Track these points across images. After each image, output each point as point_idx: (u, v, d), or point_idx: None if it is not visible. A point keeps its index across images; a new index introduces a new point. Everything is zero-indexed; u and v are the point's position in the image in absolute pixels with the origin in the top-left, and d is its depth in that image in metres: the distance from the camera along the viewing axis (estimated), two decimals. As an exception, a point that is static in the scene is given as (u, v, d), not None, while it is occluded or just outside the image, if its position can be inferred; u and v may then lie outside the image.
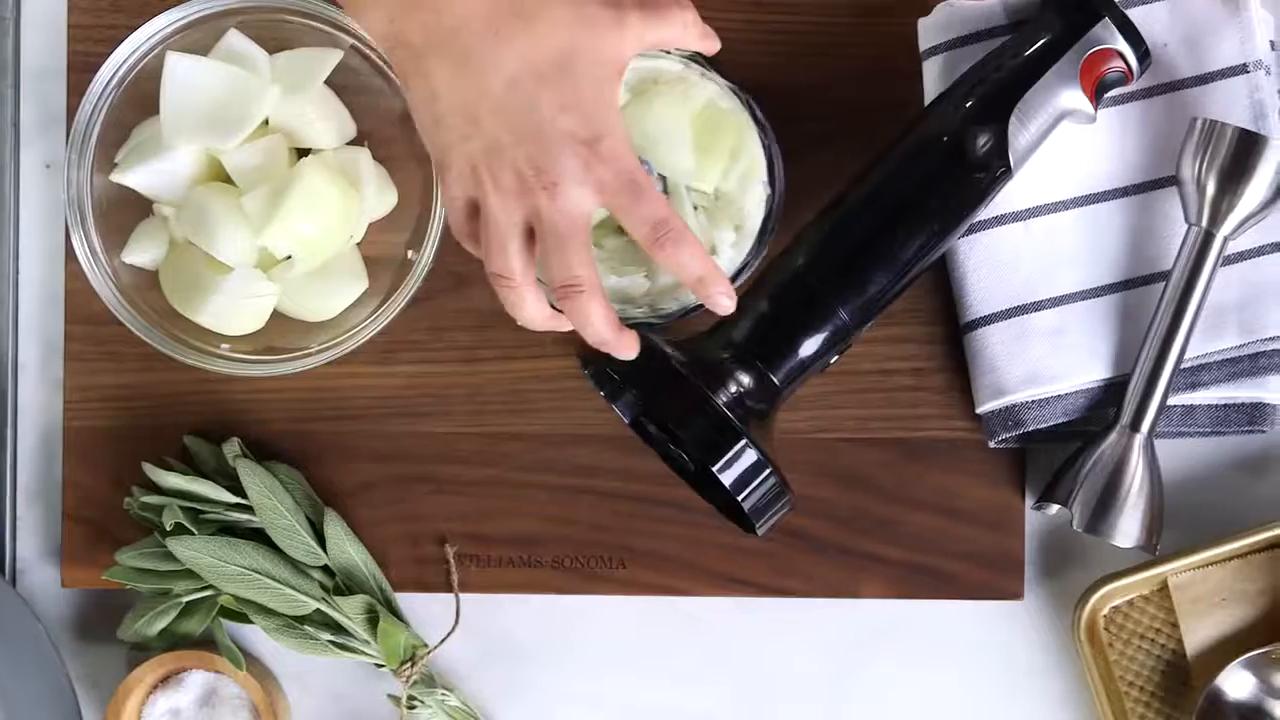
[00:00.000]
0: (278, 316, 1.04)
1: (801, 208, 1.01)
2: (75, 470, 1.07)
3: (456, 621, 1.05)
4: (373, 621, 1.04)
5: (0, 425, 1.07)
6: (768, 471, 0.94)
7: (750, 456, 0.93)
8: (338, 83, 1.04)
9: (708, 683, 1.08)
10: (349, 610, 1.03)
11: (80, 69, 1.06)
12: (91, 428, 1.06)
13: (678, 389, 0.94)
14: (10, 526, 1.08)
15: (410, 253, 1.04)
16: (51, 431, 1.08)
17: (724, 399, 0.95)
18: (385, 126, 1.05)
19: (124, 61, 1.01)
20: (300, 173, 1.00)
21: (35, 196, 1.08)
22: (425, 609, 1.07)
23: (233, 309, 1.02)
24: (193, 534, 1.03)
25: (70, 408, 1.07)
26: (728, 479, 0.93)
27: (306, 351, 1.03)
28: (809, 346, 0.97)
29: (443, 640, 1.05)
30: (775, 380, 0.97)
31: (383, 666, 1.05)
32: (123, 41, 1.01)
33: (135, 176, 1.02)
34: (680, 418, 0.94)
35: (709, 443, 0.94)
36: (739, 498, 0.94)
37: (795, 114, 1.06)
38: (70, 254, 1.06)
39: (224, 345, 1.03)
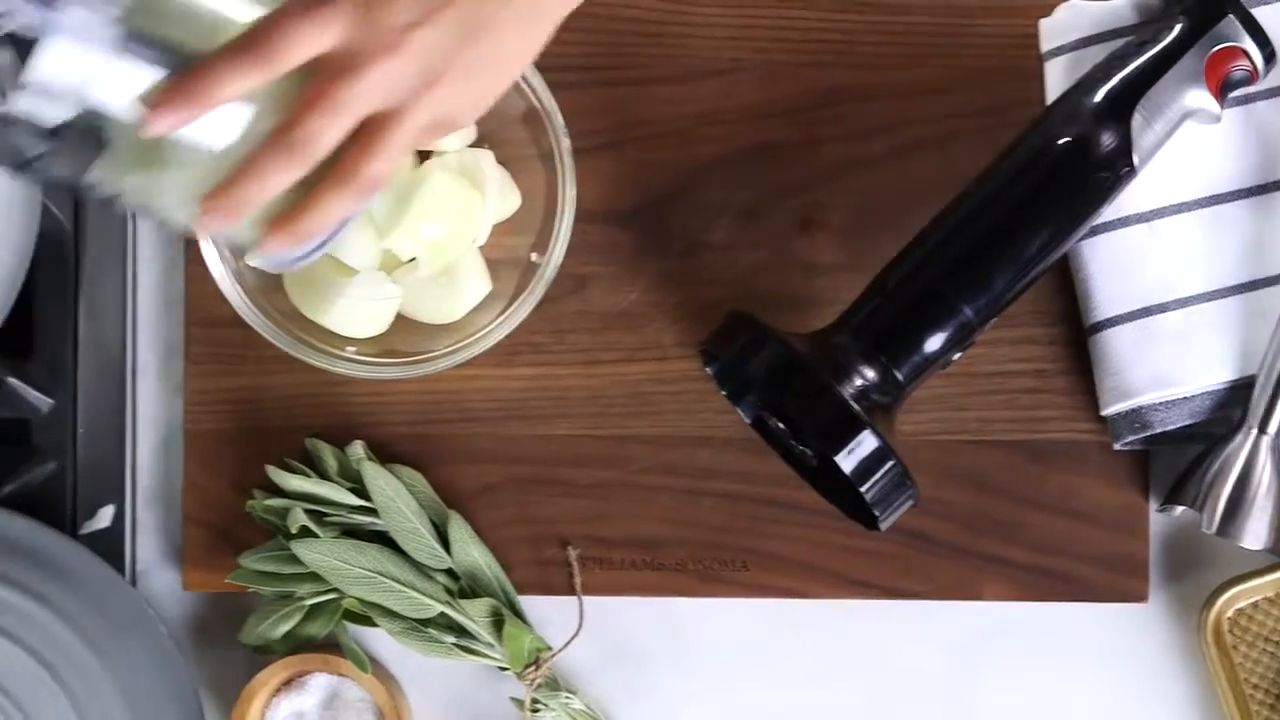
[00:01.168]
0: (399, 319, 1.04)
1: (917, 209, 1.01)
2: (196, 473, 1.06)
3: (580, 624, 1.05)
4: (498, 624, 1.04)
5: (119, 428, 1.07)
6: (891, 462, 0.94)
7: (872, 444, 0.93)
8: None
9: (828, 684, 1.07)
10: (474, 613, 1.03)
11: (199, 72, 1.06)
12: (211, 430, 1.06)
13: (800, 379, 0.94)
14: (130, 529, 1.08)
15: (534, 255, 1.03)
16: (170, 434, 1.08)
17: (848, 391, 0.95)
18: (506, 128, 1.04)
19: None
20: (425, 175, 1.00)
21: (152, 199, 1.08)
22: (544, 611, 1.06)
23: (358, 312, 1.02)
24: (317, 537, 1.03)
25: (190, 411, 1.06)
26: (849, 467, 0.93)
27: (432, 354, 1.02)
28: (933, 343, 0.97)
29: (568, 643, 1.05)
30: (899, 376, 0.96)
31: (506, 670, 1.05)
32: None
33: (259, 180, 1.02)
34: (803, 407, 0.94)
35: (832, 431, 0.93)
36: (861, 488, 0.94)
37: (912, 115, 1.06)
38: (190, 257, 1.06)
39: (349, 348, 1.03)
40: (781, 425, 1.01)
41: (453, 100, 0.79)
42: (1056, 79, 1.03)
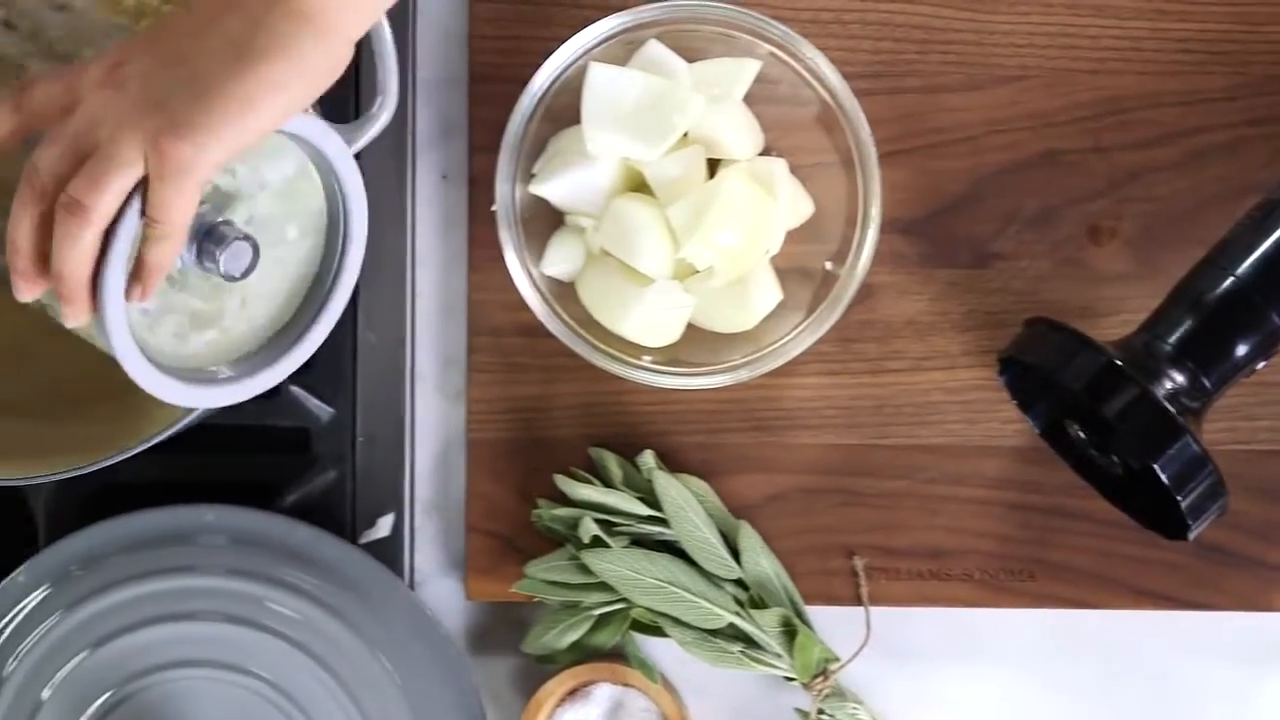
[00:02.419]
0: (688, 328, 1.03)
1: (1207, 217, 1.00)
2: (479, 482, 1.06)
3: (868, 635, 1.04)
4: (789, 635, 1.03)
5: (398, 436, 1.07)
6: (1208, 468, 0.93)
7: (1192, 451, 0.92)
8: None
9: (1114, 695, 1.06)
10: (765, 624, 1.03)
11: (482, 80, 1.06)
12: (494, 439, 1.06)
13: (1116, 384, 0.94)
14: (409, 538, 1.08)
15: (829, 264, 1.03)
16: (449, 443, 1.07)
17: (1160, 396, 0.94)
18: (794, 135, 1.04)
19: (552, 74, 1.01)
20: (723, 183, 1.00)
21: (429, 207, 1.08)
22: (824, 620, 1.06)
23: (654, 321, 1.01)
24: (608, 547, 1.02)
25: (473, 419, 1.06)
26: (1168, 475, 0.92)
27: (731, 364, 1.01)
28: (1241, 349, 0.96)
29: (856, 653, 1.04)
30: (1207, 383, 0.96)
31: (792, 680, 1.04)
32: (550, 54, 1.00)
33: (553, 187, 1.02)
34: (1121, 413, 0.93)
35: (1152, 438, 0.93)
36: (1178, 495, 0.93)
37: (1201, 122, 1.05)
38: (473, 264, 1.06)
39: (646, 357, 1.02)
40: (1083, 433, 1.00)
41: (148, 125, 0.79)
42: (1352, 86, 1.02)
